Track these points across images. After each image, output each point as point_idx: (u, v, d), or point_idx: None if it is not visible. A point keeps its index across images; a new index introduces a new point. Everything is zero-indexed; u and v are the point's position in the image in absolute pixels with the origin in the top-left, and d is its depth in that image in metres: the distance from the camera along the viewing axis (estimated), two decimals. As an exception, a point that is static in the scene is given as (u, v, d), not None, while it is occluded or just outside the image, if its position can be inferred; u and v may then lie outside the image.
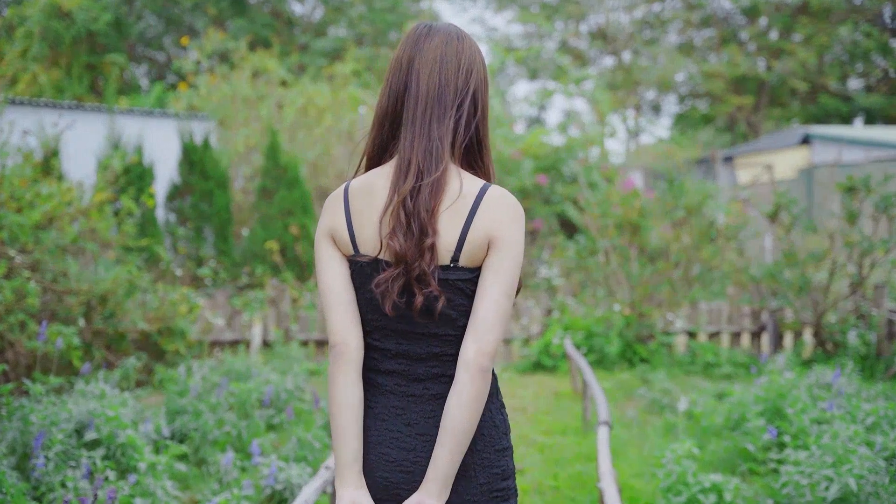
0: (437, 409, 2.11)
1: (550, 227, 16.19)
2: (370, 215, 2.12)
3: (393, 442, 2.13)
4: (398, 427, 2.13)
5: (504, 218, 2.08)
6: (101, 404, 5.65)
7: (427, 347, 2.12)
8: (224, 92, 15.46)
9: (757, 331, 10.01)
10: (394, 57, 2.20)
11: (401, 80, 2.15)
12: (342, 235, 2.15)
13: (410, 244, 2.03)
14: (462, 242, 2.05)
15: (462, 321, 2.09)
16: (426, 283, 2.04)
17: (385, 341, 2.15)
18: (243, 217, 14.11)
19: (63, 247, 7.83)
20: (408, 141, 2.11)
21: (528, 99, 24.66)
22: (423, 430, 2.12)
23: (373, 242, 2.11)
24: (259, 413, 6.64)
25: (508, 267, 2.06)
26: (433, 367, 2.12)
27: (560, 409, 7.73)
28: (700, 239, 9.77)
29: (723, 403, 7.06)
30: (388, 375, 2.16)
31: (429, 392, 2.12)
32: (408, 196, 2.05)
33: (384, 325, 2.14)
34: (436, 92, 2.13)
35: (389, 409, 2.15)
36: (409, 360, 2.14)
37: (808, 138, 21.54)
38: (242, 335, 9.62)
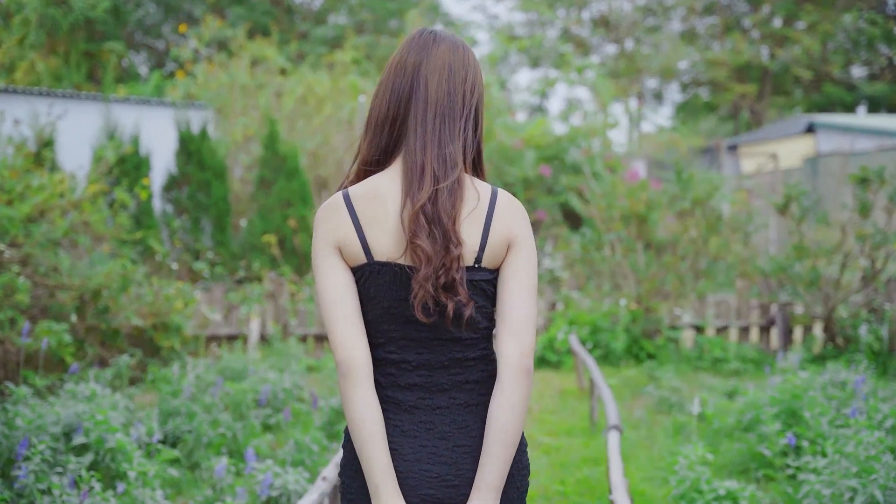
0: (468, 419, 2.09)
1: (554, 218, 15.96)
2: (383, 221, 2.08)
3: (432, 458, 2.08)
4: (433, 442, 2.09)
5: (518, 218, 2.11)
6: (90, 406, 5.44)
7: (449, 353, 2.09)
8: (222, 80, 15.20)
9: (766, 325, 9.79)
10: (395, 60, 2.19)
11: (405, 83, 2.14)
12: (351, 244, 2.09)
13: (436, 247, 2.02)
14: (484, 245, 2.06)
15: (483, 323, 2.10)
16: (455, 291, 2.03)
17: (403, 352, 2.10)
18: (242, 208, 13.87)
19: (55, 240, 7.60)
20: (418, 145, 2.10)
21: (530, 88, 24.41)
22: (460, 441, 2.08)
23: (391, 248, 2.07)
24: (255, 413, 6.43)
25: (530, 265, 2.10)
26: (456, 375, 2.10)
27: (566, 408, 7.52)
28: (708, 231, 9.54)
29: (734, 402, 6.86)
30: (410, 390, 2.11)
31: (455, 402, 2.10)
32: (427, 202, 2.03)
33: (403, 335, 2.10)
34: (445, 98, 2.13)
35: (418, 425, 2.10)
36: (430, 370, 2.10)
37: (813, 127, 21.34)
38: (240, 330, 9.41)
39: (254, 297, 9.70)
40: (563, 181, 15.74)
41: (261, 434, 6.11)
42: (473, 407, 2.09)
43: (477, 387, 2.10)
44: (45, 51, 23.83)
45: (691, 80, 34.73)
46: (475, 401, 2.10)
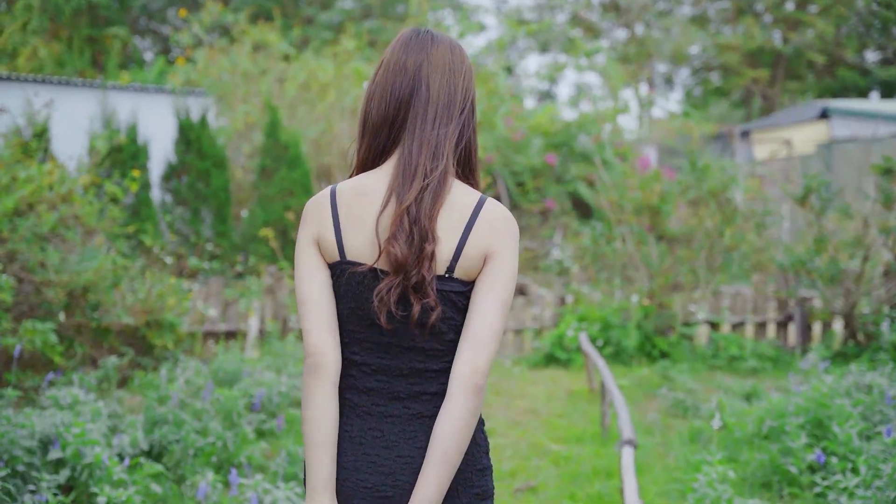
0: (418, 430, 2.05)
1: (562, 207, 15.60)
2: (362, 220, 2.06)
3: (371, 467, 2.06)
4: (376, 451, 2.06)
5: (501, 232, 2.06)
6: (71, 413, 5.12)
7: (410, 362, 2.06)
8: (223, 66, 14.84)
9: (784, 321, 9.42)
10: (391, 61, 2.15)
11: (405, 85, 2.11)
12: (328, 241, 2.08)
13: (411, 252, 1.99)
14: (459, 253, 2.02)
15: (450, 335, 2.05)
16: (424, 292, 2.00)
17: (365, 355, 2.08)
18: (243, 197, 13.54)
19: (42, 235, 7.27)
20: (414, 146, 2.07)
21: (538, 73, 23.97)
22: (404, 451, 2.05)
23: (365, 249, 2.06)
24: (249, 418, 6.11)
25: (504, 282, 2.03)
26: (414, 385, 2.06)
27: (575, 411, 7.17)
28: (724, 224, 9.17)
29: (752, 406, 6.51)
30: (366, 394, 2.08)
31: (409, 411, 2.06)
32: (413, 202, 2.01)
33: (366, 337, 2.07)
34: (445, 99, 2.12)
35: (366, 433, 2.07)
36: (389, 377, 2.07)
37: (827, 112, 20.92)
38: (238, 326, 9.07)
39: (252, 291, 9.37)
40: (573, 170, 15.36)
41: (254, 441, 5.78)
42: (426, 419, 2.05)
43: (434, 398, 2.06)
44: (47, 36, 23.54)
45: (702, 64, 34.22)
46: (429, 412, 2.05)
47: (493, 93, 15.97)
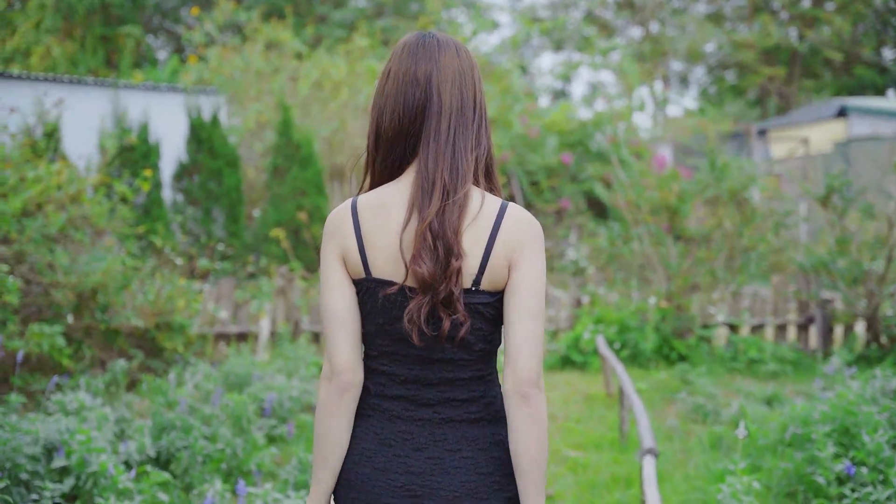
0: (448, 433, 2.06)
1: (578, 207, 15.43)
2: (385, 236, 2.03)
3: (401, 467, 2.07)
4: (406, 452, 2.07)
5: (524, 239, 2.03)
6: (77, 419, 5.01)
7: (440, 373, 2.06)
8: (235, 65, 14.73)
9: (804, 323, 9.23)
10: (400, 71, 2.09)
11: (418, 95, 2.06)
12: (352, 256, 2.05)
13: (437, 269, 1.97)
14: (484, 265, 2.00)
15: (479, 346, 2.05)
16: (453, 308, 1.99)
17: (394, 367, 2.08)
18: (256, 196, 13.43)
19: (50, 236, 7.16)
20: (430, 158, 2.03)
21: (553, 71, 23.80)
22: (433, 453, 2.06)
23: (389, 265, 2.03)
24: (260, 423, 5.98)
25: (532, 289, 2.01)
26: (444, 392, 2.07)
27: (593, 416, 7.01)
28: (743, 224, 8.99)
29: (774, 412, 6.35)
30: (396, 400, 2.09)
31: (439, 416, 2.07)
32: (434, 217, 1.98)
33: (396, 350, 2.06)
34: (459, 106, 2.07)
35: (396, 435, 2.08)
36: (419, 386, 2.07)
37: (845, 110, 20.71)
38: (249, 328, 8.95)
39: (264, 293, 9.24)
40: (589, 169, 15.19)
41: (265, 447, 5.65)
42: (456, 423, 2.07)
43: (463, 404, 2.07)
44: (61, 35, 23.50)
45: (718, 62, 33.96)
46: (458, 417, 2.07)
47: (507, 91, 15.82)
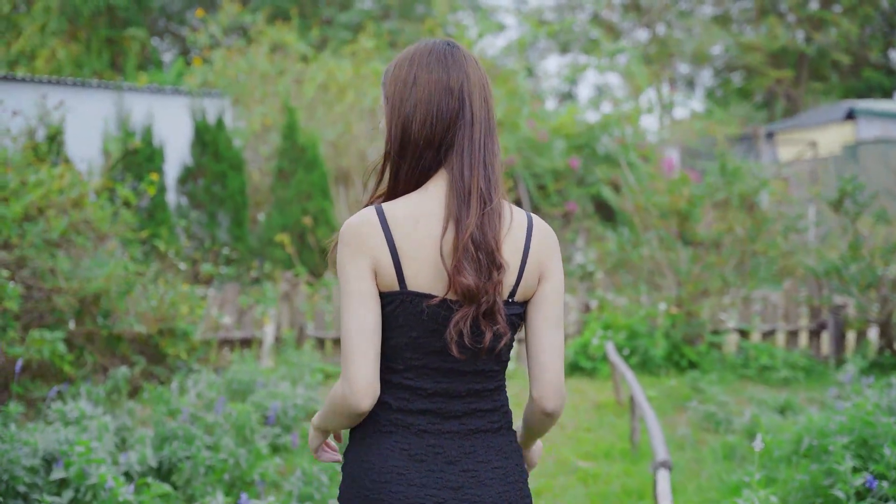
0: (476, 445, 2.05)
1: (585, 210, 15.30)
2: (421, 247, 1.98)
3: (438, 482, 2.02)
4: (440, 467, 2.03)
5: (552, 248, 2.09)
6: (76, 429, 4.90)
7: (468, 384, 2.04)
8: (240, 67, 14.64)
9: (816, 329, 9.10)
10: (431, 79, 2.05)
11: (452, 104, 2.03)
12: (385, 269, 1.98)
13: (481, 280, 1.95)
14: (520, 277, 2.03)
15: (506, 356, 2.07)
16: (495, 319, 1.98)
17: (421, 381, 2.03)
18: (261, 200, 13.34)
19: (52, 241, 7.06)
20: (465, 167, 2.01)
21: (560, 73, 23.69)
22: (467, 466, 2.04)
23: (425, 278, 1.98)
24: (264, 432, 5.87)
25: (558, 302, 2.07)
26: (470, 403, 2.05)
27: (603, 424, 6.89)
28: (755, 229, 8.86)
29: (788, 421, 6.22)
30: (421, 415, 2.03)
31: (465, 427, 2.05)
32: (475, 228, 1.96)
33: (425, 363, 2.02)
34: (486, 115, 2.07)
35: (427, 449, 2.03)
36: (445, 399, 2.03)
37: (854, 113, 20.59)
38: (253, 333, 8.85)
39: (268, 298, 9.14)
40: (597, 172, 15.06)
41: (268, 457, 5.54)
42: (482, 433, 2.06)
43: (488, 413, 2.06)
44: (66, 38, 23.44)
45: (725, 65, 33.81)
46: (484, 427, 2.06)
47: (513, 93, 15.71)
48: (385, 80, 2.11)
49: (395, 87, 2.07)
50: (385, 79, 2.12)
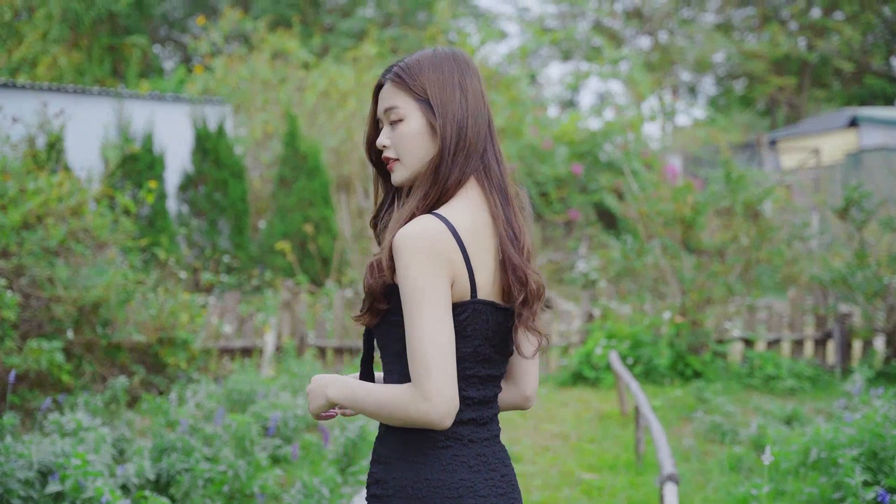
0: (500, 450, 2.10)
1: (587, 218, 15.23)
2: (484, 254, 2.02)
3: (493, 490, 2.05)
4: (489, 475, 2.06)
5: None
6: (73, 441, 4.82)
7: (495, 388, 2.10)
8: (242, 74, 14.59)
9: (822, 338, 9.01)
10: (470, 87, 2.11)
11: (485, 111, 2.11)
12: (461, 280, 1.98)
13: (535, 285, 2.04)
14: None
15: None
16: (535, 323, 2.06)
17: (469, 390, 2.04)
18: (262, 207, 13.28)
19: (50, 249, 6.99)
20: (501, 171, 2.10)
21: (562, 81, 23.63)
22: (504, 471, 2.09)
23: (490, 285, 2.02)
24: (264, 443, 5.79)
25: None
26: (493, 409, 2.10)
27: (607, 435, 6.80)
28: (760, 238, 8.78)
29: (795, 432, 6.14)
30: (466, 424, 2.04)
31: (490, 433, 2.09)
32: (524, 233, 2.08)
33: (475, 372, 2.04)
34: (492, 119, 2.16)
35: (477, 459, 2.05)
36: (482, 406, 2.07)
37: (856, 121, 20.50)
38: (254, 342, 8.77)
39: (268, 307, 9.07)
40: (599, 180, 14.99)
41: (268, 469, 5.45)
42: (497, 437, 2.12)
43: (495, 418, 2.12)
44: (67, 45, 23.41)
45: (727, 72, 33.76)
46: (498, 430, 2.12)
47: (515, 101, 15.65)
48: (418, 84, 2.08)
49: (445, 92, 2.07)
50: (416, 83, 2.08)
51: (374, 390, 1.99)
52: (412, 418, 1.92)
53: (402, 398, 1.93)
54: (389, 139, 2.10)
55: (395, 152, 2.09)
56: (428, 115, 2.06)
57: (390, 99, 2.09)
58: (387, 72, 2.13)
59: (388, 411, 1.95)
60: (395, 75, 2.09)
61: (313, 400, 2.10)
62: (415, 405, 1.91)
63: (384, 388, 1.98)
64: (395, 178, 2.11)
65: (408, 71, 2.08)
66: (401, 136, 2.07)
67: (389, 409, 1.95)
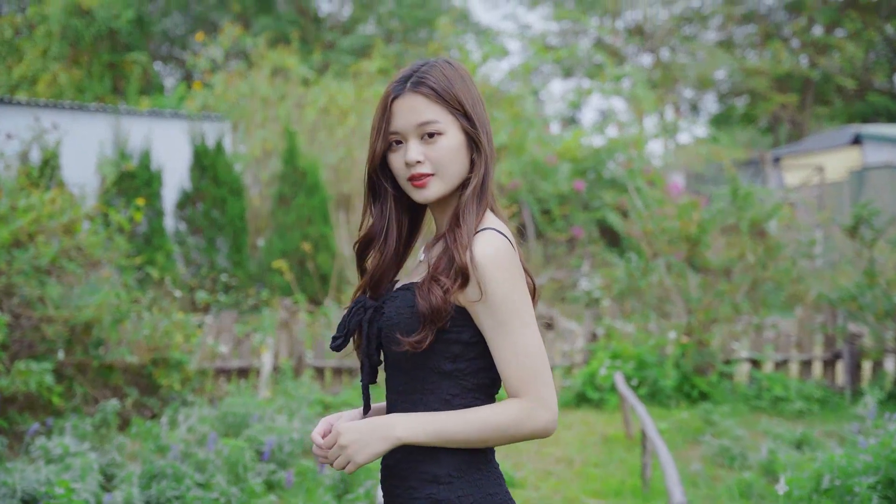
0: None
1: (590, 236, 15.06)
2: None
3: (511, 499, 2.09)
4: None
5: None
6: (58, 467, 4.65)
7: None
8: (241, 91, 14.46)
9: (831, 359, 8.82)
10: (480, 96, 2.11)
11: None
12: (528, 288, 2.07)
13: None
14: None
15: None
16: None
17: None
18: (261, 225, 13.12)
19: (41, 268, 6.82)
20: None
21: (564, 98, 23.53)
22: None
23: None
24: (259, 468, 5.61)
25: None
26: None
27: (612, 459, 6.61)
28: (767, 256, 8.61)
29: (805, 457, 5.95)
30: None
31: None
32: None
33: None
34: None
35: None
36: None
37: (860, 138, 20.39)
38: (251, 362, 8.59)
39: (265, 326, 8.89)
40: (602, 197, 14.83)
41: (262, 495, 5.27)
42: None
43: None
44: (67, 62, 23.34)
45: (729, 90, 33.67)
46: None
47: (518, 117, 15.51)
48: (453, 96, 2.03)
49: (477, 106, 2.06)
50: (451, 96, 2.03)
51: (473, 416, 1.94)
52: (528, 431, 1.94)
53: (519, 413, 1.93)
54: (423, 154, 2.01)
55: (431, 167, 2.02)
56: (467, 128, 2.03)
57: (425, 112, 2.01)
58: (407, 84, 2.03)
59: (501, 432, 1.94)
60: (429, 88, 2.02)
61: (364, 448, 1.94)
62: (534, 416, 1.93)
63: (485, 410, 1.95)
64: (426, 195, 2.04)
65: (439, 83, 2.02)
66: (441, 150, 2.01)
67: (503, 429, 1.93)
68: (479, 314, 1.95)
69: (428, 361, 1.99)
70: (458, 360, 1.99)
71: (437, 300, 1.93)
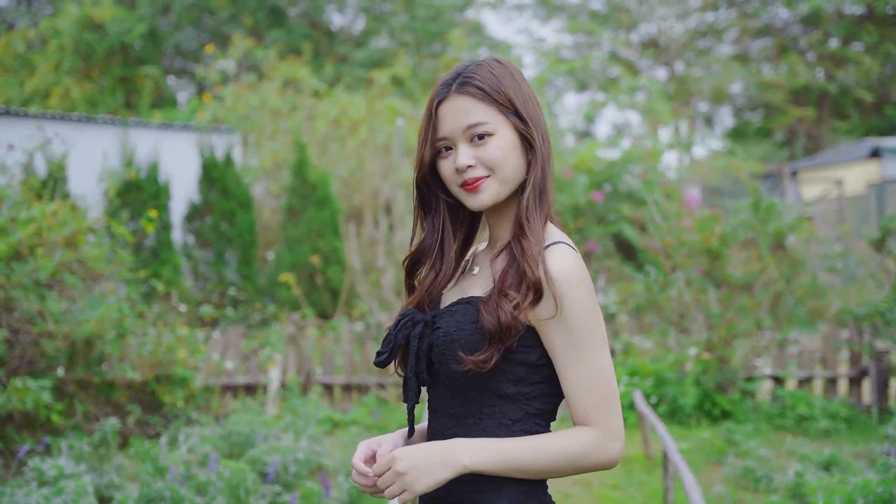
0: None
1: (606, 250, 14.79)
2: None
3: None
4: None
5: None
6: (51, 491, 4.42)
7: None
8: (251, 103, 14.29)
9: (857, 376, 8.53)
10: (537, 98, 1.99)
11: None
12: None
13: None
14: None
15: None
16: None
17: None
18: (271, 238, 12.91)
19: (41, 281, 6.61)
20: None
21: (579, 110, 23.32)
22: None
23: None
24: (262, 491, 5.36)
25: None
26: None
27: (632, 482, 6.34)
28: (790, 269, 8.34)
29: (834, 479, 5.66)
30: None
31: None
32: None
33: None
34: None
35: None
36: None
37: (878, 151, 20.15)
38: (258, 378, 8.35)
39: (273, 342, 8.66)
40: (620, 209, 14.57)
41: (266, 519, 5.04)
42: None
43: None
44: (80, 76, 23.31)
45: (745, 103, 33.42)
46: None
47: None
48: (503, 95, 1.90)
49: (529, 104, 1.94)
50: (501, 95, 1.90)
51: (542, 445, 1.81)
52: (596, 462, 1.83)
53: (590, 443, 1.81)
54: (474, 157, 1.88)
55: (484, 169, 1.89)
56: (519, 127, 1.90)
57: (473, 113, 1.88)
58: (452, 86, 1.91)
59: (570, 462, 1.82)
60: (476, 87, 1.89)
61: (424, 476, 1.78)
62: (604, 447, 1.81)
63: (555, 438, 1.82)
64: (481, 199, 1.90)
65: (486, 81, 1.90)
66: (494, 150, 1.88)
67: (572, 460, 1.81)
68: (550, 334, 1.82)
69: (489, 383, 1.86)
70: (521, 384, 1.86)
71: (506, 316, 1.79)
